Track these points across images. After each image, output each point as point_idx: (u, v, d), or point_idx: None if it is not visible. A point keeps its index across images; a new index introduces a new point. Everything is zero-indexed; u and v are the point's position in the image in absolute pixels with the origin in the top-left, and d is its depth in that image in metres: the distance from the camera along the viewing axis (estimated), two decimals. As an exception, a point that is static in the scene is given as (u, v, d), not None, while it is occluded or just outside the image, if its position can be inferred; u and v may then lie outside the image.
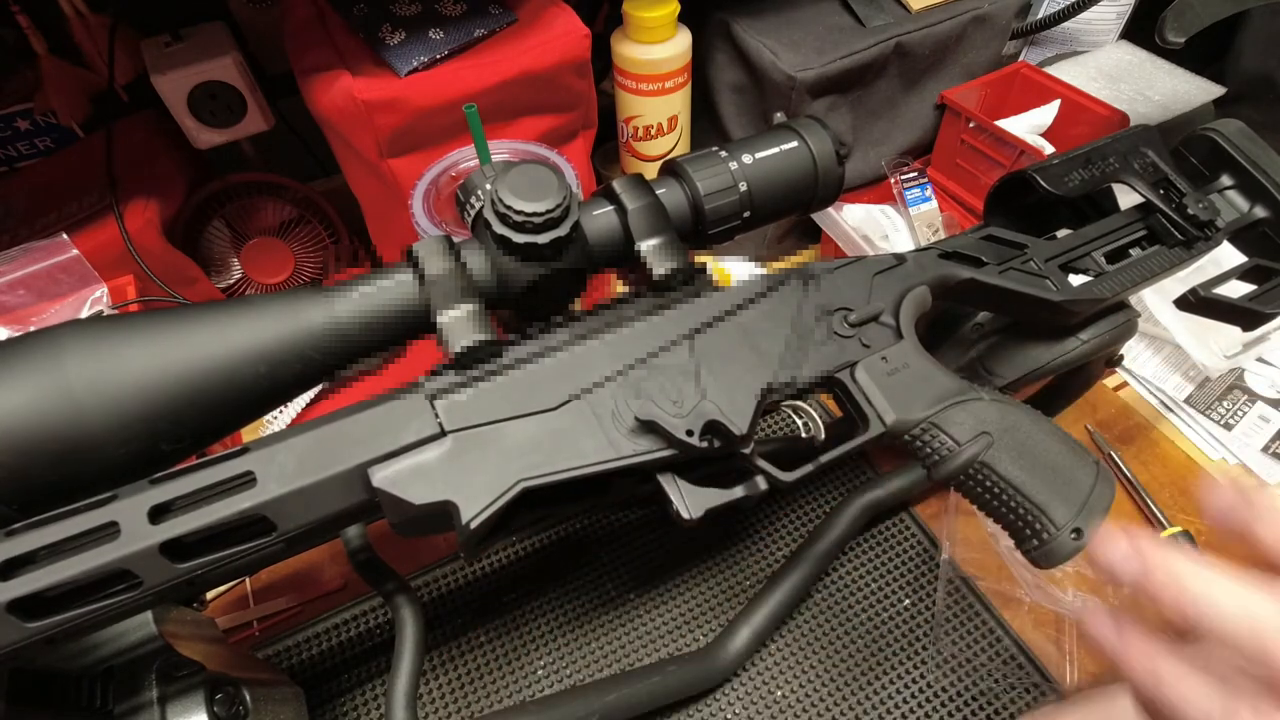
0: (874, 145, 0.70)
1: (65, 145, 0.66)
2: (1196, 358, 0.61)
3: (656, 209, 0.35)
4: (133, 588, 0.25)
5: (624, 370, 0.31)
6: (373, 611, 0.53)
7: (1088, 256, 0.45)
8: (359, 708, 0.48)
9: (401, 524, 0.29)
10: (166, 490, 0.26)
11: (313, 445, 0.28)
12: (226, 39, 0.60)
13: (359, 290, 0.31)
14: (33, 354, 0.26)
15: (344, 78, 0.51)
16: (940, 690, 0.48)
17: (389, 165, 0.54)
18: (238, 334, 0.29)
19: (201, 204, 0.66)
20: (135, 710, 0.34)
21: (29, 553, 0.25)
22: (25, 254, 0.56)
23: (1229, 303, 0.46)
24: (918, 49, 0.65)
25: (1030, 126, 0.69)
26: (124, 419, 0.27)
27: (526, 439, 0.29)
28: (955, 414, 0.35)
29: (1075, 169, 0.46)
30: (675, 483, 0.31)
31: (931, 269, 0.40)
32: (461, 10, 0.55)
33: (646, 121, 0.67)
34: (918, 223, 0.68)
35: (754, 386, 0.32)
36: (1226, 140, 0.48)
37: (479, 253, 0.32)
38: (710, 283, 0.35)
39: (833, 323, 0.36)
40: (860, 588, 0.52)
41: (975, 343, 0.50)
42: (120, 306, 0.57)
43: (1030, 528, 0.34)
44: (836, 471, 0.59)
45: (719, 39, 0.66)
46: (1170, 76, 0.75)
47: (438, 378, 0.30)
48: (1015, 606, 0.51)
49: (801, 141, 0.38)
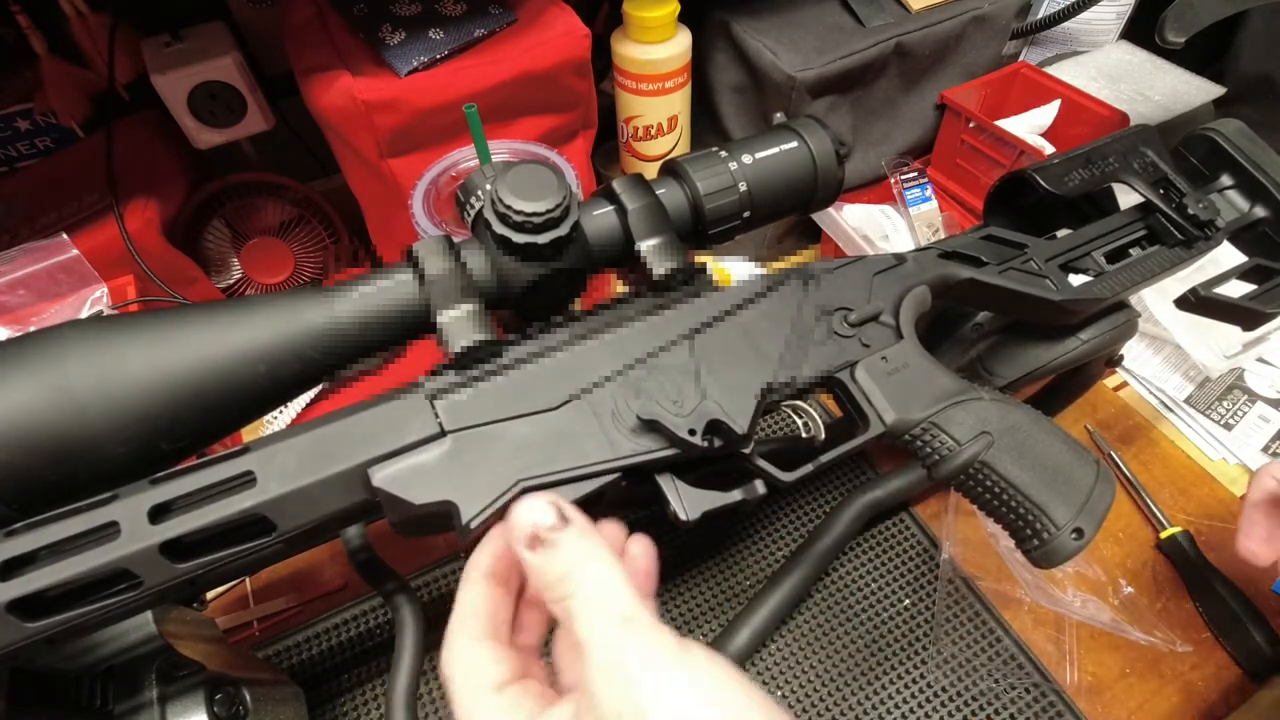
0: (874, 145, 0.70)
1: (65, 145, 0.66)
2: (1196, 358, 0.61)
3: (656, 209, 0.35)
4: (133, 588, 0.25)
5: (624, 370, 0.31)
6: (373, 611, 0.53)
7: (1088, 256, 0.45)
8: (359, 708, 0.48)
9: (402, 524, 0.29)
10: (166, 490, 0.26)
11: (313, 445, 0.28)
12: (226, 39, 0.60)
13: (359, 290, 0.31)
14: (33, 354, 0.26)
15: (344, 78, 0.51)
16: (940, 690, 0.48)
17: (389, 165, 0.54)
18: (237, 334, 0.29)
19: (201, 204, 0.66)
20: (135, 710, 0.34)
21: (29, 552, 0.24)
22: (25, 254, 0.56)
23: (1229, 302, 0.46)
24: (918, 49, 0.65)
25: (1030, 126, 0.69)
26: (124, 419, 0.27)
27: (526, 439, 0.29)
28: (955, 413, 0.35)
29: (1075, 169, 0.46)
30: (674, 484, 0.30)
31: (931, 269, 0.40)
32: (461, 10, 0.55)
33: (646, 121, 0.67)
34: (918, 223, 0.68)
35: (754, 386, 0.32)
36: (1226, 140, 0.48)
37: (479, 253, 0.32)
38: (710, 283, 0.35)
39: (833, 322, 0.36)
40: (860, 588, 0.52)
41: (975, 342, 0.50)
42: (120, 306, 0.57)
43: (1030, 527, 0.34)
44: (836, 471, 0.59)
45: (719, 39, 0.66)
46: (1170, 76, 0.75)
47: (438, 378, 0.30)
48: (1015, 606, 0.51)
49: (801, 141, 0.38)
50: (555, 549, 0.23)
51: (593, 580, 0.23)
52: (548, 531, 0.24)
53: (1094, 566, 0.52)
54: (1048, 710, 0.47)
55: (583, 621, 0.22)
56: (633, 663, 0.21)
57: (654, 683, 0.21)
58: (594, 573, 0.23)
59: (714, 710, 0.20)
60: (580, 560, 0.23)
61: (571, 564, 0.23)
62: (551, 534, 0.24)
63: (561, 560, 0.23)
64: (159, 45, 0.59)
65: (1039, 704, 0.47)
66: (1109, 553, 0.54)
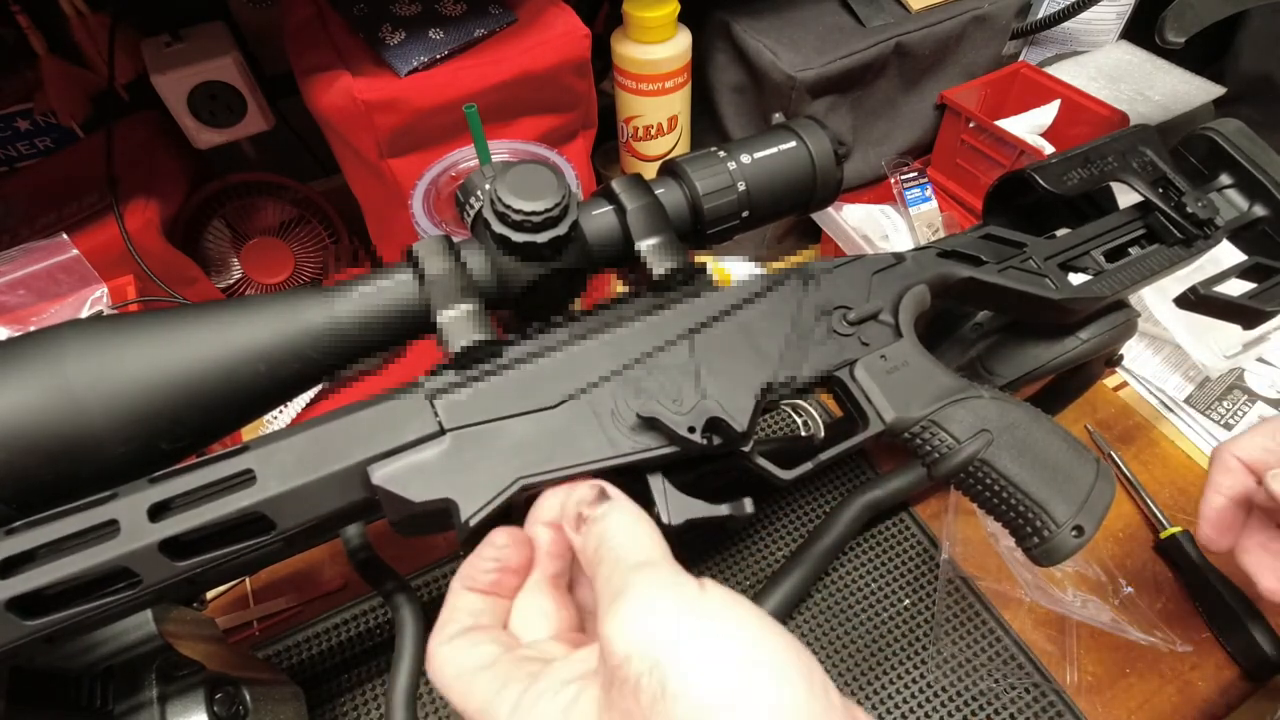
0: (874, 145, 0.70)
1: (65, 145, 0.66)
2: (1196, 357, 0.61)
3: (655, 209, 0.35)
4: (132, 586, 0.25)
5: (623, 369, 0.31)
6: (373, 611, 0.53)
7: (1087, 255, 0.45)
8: (359, 708, 0.48)
9: (401, 522, 0.29)
10: (166, 488, 0.26)
11: (312, 443, 0.28)
12: (226, 39, 0.60)
13: (359, 290, 0.31)
14: (33, 354, 0.26)
15: (344, 78, 0.51)
16: (940, 690, 0.48)
17: (389, 165, 0.54)
18: (237, 334, 0.29)
19: (201, 204, 0.66)
20: (135, 709, 0.34)
21: (29, 551, 0.25)
22: (25, 254, 0.56)
23: (1228, 301, 0.46)
24: (918, 49, 0.65)
25: (1030, 126, 0.69)
26: (124, 418, 0.27)
27: (526, 437, 0.29)
28: (955, 412, 0.35)
29: (1074, 168, 0.46)
30: (663, 486, 0.30)
31: (931, 267, 0.40)
32: (461, 10, 0.55)
33: (646, 121, 0.67)
34: (918, 223, 0.68)
35: (754, 385, 0.32)
36: (1225, 139, 0.48)
37: (479, 252, 0.32)
38: (709, 282, 0.35)
39: (832, 321, 0.36)
40: (860, 588, 0.52)
41: (975, 342, 0.50)
42: (120, 306, 0.57)
43: (1031, 525, 0.34)
44: (836, 471, 0.59)
45: (719, 39, 0.66)
46: (1170, 76, 0.75)
47: (437, 377, 0.30)
48: (1015, 606, 0.51)
49: (800, 142, 0.38)
50: (594, 524, 0.24)
51: (618, 537, 0.24)
52: (588, 508, 0.25)
53: (1094, 566, 0.52)
54: (1048, 710, 0.47)
55: (602, 572, 0.23)
56: (640, 606, 0.21)
57: (662, 625, 0.20)
58: (621, 531, 0.24)
59: (724, 657, 0.20)
60: (613, 526, 0.24)
61: (604, 532, 0.24)
62: (591, 509, 0.24)
63: (598, 531, 0.24)
64: (159, 45, 0.59)
65: (1039, 704, 0.47)
66: (1109, 553, 0.54)
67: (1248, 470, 0.37)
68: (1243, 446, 0.38)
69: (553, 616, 0.25)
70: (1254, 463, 0.37)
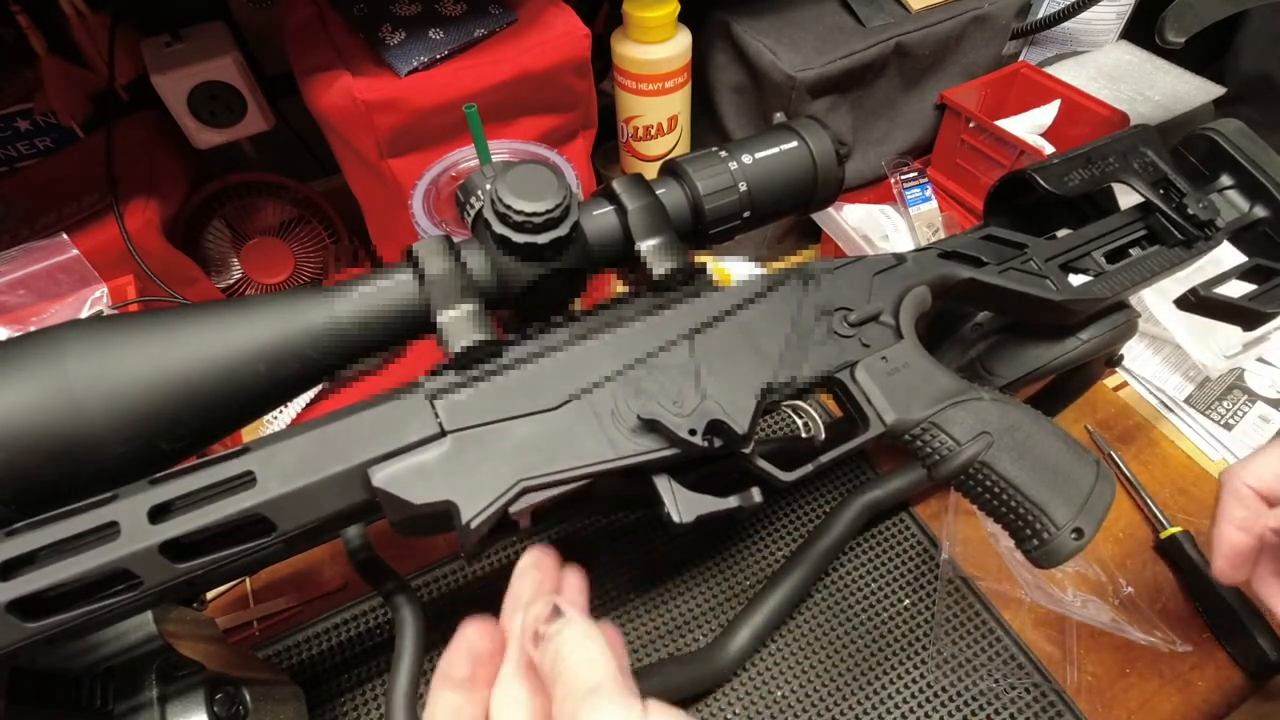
0: (874, 145, 0.70)
1: (65, 145, 0.66)
2: (1196, 358, 0.61)
3: (656, 209, 0.35)
4: (133, 587, 0.25)
5: (624, 370, 0.31)
6: (373, 611, 0.53)
7: (1088, 256, 0.45)
8: (359, 708, 0.48)
9: (402, 524, 0.29)
10: (166, 490, 0.26)
11: (313, 445, 0.28)
12: (226, 39, 0.60)
13: (359, 290, 0.31)
14: (33, 354, 0.26)
15: (344, 78, 0.51)
16: (940, 690, 0.48)
17: (389, 165, 0.54)
18: (237, 334, 0.29)
19: (201, 204, 0.66)
20: (135, 710, 0.34)
21: (29, 553, 0.25)
22: (25, 254, 0.56)
23: (1229, 302, 0.46)
24: (918, 49, 0.65)
25: (1030, 126, 0.69)
26: (124, 419, 0.27)
27: (526, 439, 0.29)
28: (955, 413, 0.35)
29: (1075, 169, 0.46)
30: (670, 485, 0.30)
31: (931, 269, 0.40)
32: (461, 10, 0.55)
33: (646, 121, 0.67)
34: (918, 223, 0.68)
35: (754, 386, 0.32)
36: (1226, 140, 0.48)
37: (479, 253, 0.32)
38: (710, 283, 0.35)
39: (832, 322, 0.36)
40: (860, 588, 0.52)
41: (975, 343, 0.50)
42: (120, 306, 0.57)
43: (1030, 527, 0.34)
44: (836, 471, 0.59)
45: (719, 39, 0.66)
46: (1170, 76, 0.75)
47: (438, 378, 0.30)
48: (1015, 606, 0.51)
49: (801, 141, 0.38)
50: (550, 641, 0.25)
51: (571, 657, 0.24)
52: (544, 625, 0.25)
53: (1094, 566, 0.52)
54: (1048, 710, 0.47)
55: (558, 693, 0.23)
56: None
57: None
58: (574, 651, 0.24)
59: None
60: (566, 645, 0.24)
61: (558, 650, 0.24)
62: (547, 627, 0.25)
63: (553, 650, 0.24)
64: (159, 45, 0.59)
65: (1039, 704, 0.47)
66: (1109, 553, 0.54)
67: (1260, 498, 0.36)
68: (1254, 472, 0.36)
69: (525, 704, 0.25)
70: (1267, 490, 0.36)
